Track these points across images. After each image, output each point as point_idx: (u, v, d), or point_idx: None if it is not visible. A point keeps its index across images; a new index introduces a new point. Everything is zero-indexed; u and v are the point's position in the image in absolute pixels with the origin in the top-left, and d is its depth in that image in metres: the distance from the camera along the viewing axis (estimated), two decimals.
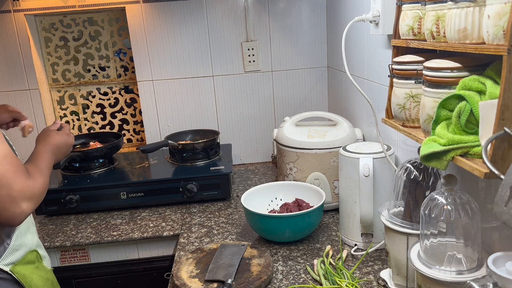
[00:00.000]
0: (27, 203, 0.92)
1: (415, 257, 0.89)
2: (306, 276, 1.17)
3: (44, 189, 1.00)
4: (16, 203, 0.89)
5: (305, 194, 1.45)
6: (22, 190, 0.90)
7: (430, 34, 0.86)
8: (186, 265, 1.22)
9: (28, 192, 0.92)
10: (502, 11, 0.62)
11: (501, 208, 0.60)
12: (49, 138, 1.18)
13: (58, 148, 1.19)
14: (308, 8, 1.98)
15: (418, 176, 0.99)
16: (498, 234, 0.87)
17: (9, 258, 1.02)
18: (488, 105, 0.67)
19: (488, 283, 0.68)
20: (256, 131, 2.11)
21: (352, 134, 1.53)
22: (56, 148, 1.18)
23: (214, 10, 1.95)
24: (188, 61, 2.00)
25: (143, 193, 1.66)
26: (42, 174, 1.02)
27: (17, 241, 1.04)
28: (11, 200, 0.89)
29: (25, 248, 1.06)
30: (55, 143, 1.18)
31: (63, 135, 1.22)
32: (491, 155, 0.65)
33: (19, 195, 0.90)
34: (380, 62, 1.36)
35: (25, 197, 0.91)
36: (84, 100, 2.16)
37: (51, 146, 1.16)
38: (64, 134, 1.23)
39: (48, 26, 2.05)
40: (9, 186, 0.88)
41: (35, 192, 0.94)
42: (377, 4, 1.20)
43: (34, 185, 0.95)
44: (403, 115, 0.97)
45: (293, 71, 2.05)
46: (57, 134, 1.21)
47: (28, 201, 0.92)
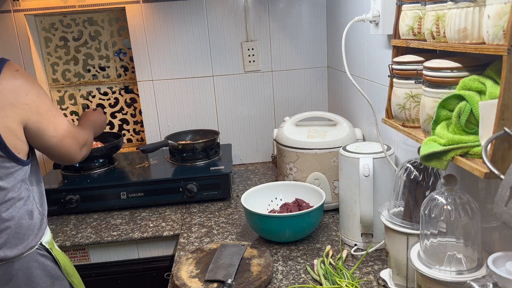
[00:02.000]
0: (85, 147, 1.30)
1: (415, 257, 0.89)
2: (306, 276, 1.17)
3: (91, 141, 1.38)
4: (80, 149, 1.27)
5: (305, 194, 1.45)
6: (82, 137, 1.28)
7: (430, 34, 0.86)
8: (186, 265, 1.22)
9: (85, 139, 1.30)
10: (502, 11, 0.62)
11: (501, 208, 0.60)
12: (88, 115, 1.52)
13: (94, 122, 1.50)
14: (308, 8, 1.98)
15: (418, 176, 0.99)
16: (498, 234, 0.87)
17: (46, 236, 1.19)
18: (488, 105, 0.67)
19: (488, 283, 0.68)
20: (256, 131, 2.11)
21: (352, 134, 1.53)
22: (93, 122, 1.49)
23: (214, 10, 1.95)
24: (188, 61, 2.00)
25: (143, 193, 1.66)
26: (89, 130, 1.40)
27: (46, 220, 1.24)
28: (79, 147, 1.26)
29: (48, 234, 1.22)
30: (92, 118, 1.51)
31: (97, 113, 1.55)
32: (491, 155, 0.65)
33: (80, 143, 1.27)
34: (380, 62, 1.36)
35: (84, 143, 1.29)
36: (84, 100, 2.16)
37: (90, 121, 1.49)
38: (98, 113, 1.56)
39: (48, 26, 2.05)
40: (77, 138, 1.24)
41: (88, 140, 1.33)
42: (377, 4, 1.20)
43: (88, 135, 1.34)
44: (403, 115, 0.97)
45: (293, 71, 2.05)
46: (93, 112, 1.55)
47: (85, 146, 1.30)
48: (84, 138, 1.29)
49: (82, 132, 1.30)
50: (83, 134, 1.30)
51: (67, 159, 1.25)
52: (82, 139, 1.28)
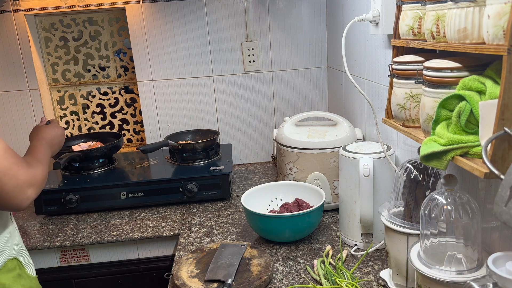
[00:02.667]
0: (32, 189, 1.02)
1: (415, 257, 0.89)
2: (306, 276, 1.17)
3: (45, 176, 1.09)
4: (23, 191, 0.99)
5: (305, 194, 1.45)
6: (27, 178, 1.00)
7: (430, 34, 0.86)
8: (186, 265, 1.22)
9: (32, 180, 1.02)
10: (502, 11, 0.62)
11: (501, 208, 0.60)
12: (41, 133, 1.26)
13: (51, 140, 1.27)
14: (308, 8, 1.98)
15: (418, 176, 0.99)
16: (498, 234, 0.87)
17: None
18: (488, 105, 0.67)
19: (488, 283, 0.68)
20: (256, 131, 2.11)
21: (352, 134, 1.53)
22: (50, 140, 1.26)
23: (214, 10, 1.95)
24: (188, 61, 2.00)
25: (143, 193, 1.66)
26: (40, 163, 1.11)
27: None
28: (19, 189, 0.98)
29: (5, 255, 1.06)
30: (48, 136, 1.26)
31: (53, 128, 1.30)
32: (491, 155, 0.65)
33: (24, 183, 1.00)
34: (380, 62, 1.36)
35: (30, 184, 1.01)
36: (84, 100, 2.16)
37: (45, 139, 1.24)
38: (53, 127, 1.31)
39: (48, 26, 2.05)
40: (16, 177, 0.98)
41: (37, 179, 1.05)
42: (377, 4, 1.20)
43: (35, 172, 1.04)
44: (403, 115, 0.97)
45: (293, 71, 2.05)
46: (47, 127, 1.29)
47: (33, 187, 1.02)
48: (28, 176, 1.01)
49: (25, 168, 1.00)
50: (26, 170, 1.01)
51: (4, 206, 0.98)
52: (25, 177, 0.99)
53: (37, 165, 1.08)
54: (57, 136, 1.30)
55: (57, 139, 1.29)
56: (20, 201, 0.99)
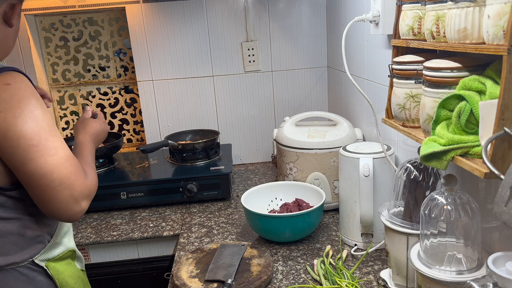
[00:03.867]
0: (86, 201, 0.96)
1: (415, 257, 0.89)
2: (306, 276, 1.17)
3: (97, 184, 1.03)
4: (77, 202, 0.93)
5: (305, 194, 1.45)
6: (82, 190, 0.94)
7: (430, 34, 0.86)
8: (186, 265, 1.22)
9: (86, 191, 0.96)
10: (502, 11, 0.62)
11: (501, 208, 0.60)
12: (88, 127, 1.20)
13: (97, 136, 1.21)
14: (308, 8, 1.98)
15: (418, 176, 0.99)
16: (498, 234, 0.87)
17: (46, 255, 1.03)
18: (488, 105, 0.67)
19: (488, 283, 0.68)
20: (256, 131, 2.11)
21: (352, 134, 1.53)
22: (96, 136, 1.20)
23: (214, 10, 1.95)
24: (188, 61, 2.00)
25: (143, 193, 1.66)
26: (92, 169, 1.06)
27: (57, 239, 1.06)
28: (73, 200, 0.92)
29: (64, 247, 1.08)
30: (94, 131, 1.20)
31: (100, 122, 1.24)
32: (491, 155, 0.65)
33: (80, 194, 0.93)
34: (380, 62, 1.36)
35: (85, 196, 0.95)
36: (84, 100, 2.16)
37: (91, 135, 1.18)
38: (101, 122, 1.25)
39: (48, 26, 2.05)
40: (71, 188, 0.92)
41: (92, 189, 0.99)
42: (377, 4, 1.20)
43: (91, 183, 0.98)
44: (403, 115, 0.97)
45: (293, 71, 2.05)
46: (95, 122, 1.23)
47: (87, 199, 0.96)
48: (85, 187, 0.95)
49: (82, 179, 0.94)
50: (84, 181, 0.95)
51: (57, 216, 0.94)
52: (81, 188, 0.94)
53: (92, 174, 1.03)
54: (103, 132, 1.24)
55: (102, 135, 1.24)
56: (73, 213, 0.94)
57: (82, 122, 1.22)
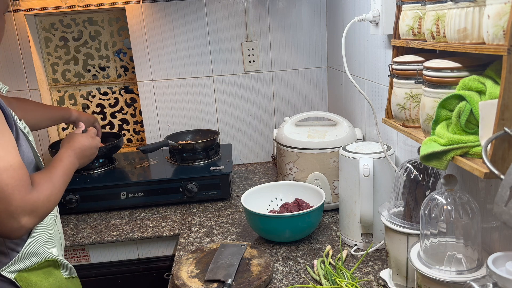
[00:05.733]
0: (27, 217, 0.87)
1: (415, 257, 0.89)
2: (306, 276, 1.17)
3: (50, 201, 0.94)
4: (14, 218, 0.85)
5: (305, 194, 1.45)
6: (21, 204, 0.86)
7: (430, 34, 0.86)
8: (186, 265, 1.22)
9: (28, 206, 0.87)
10: (502, 11, 0.62)
11: (501, 208, 0.60)
12: (73, 142, 1.16)
13: (82, 151, 1.15)
14: (308, 8, 1.98)
15: (418, 176, 0.99)
16: (498, 234, 0.87)
17: (16, 265, 0.99)
18: (488, 105, 0.67)
19: (488, 283, 0.68)
20: (256, 131, 2.11)
21: (352, 134, 1.53)
22: (80, 151, 1.15)
23: (214, 10, 1.95)
24: (188, 61, 2.00)
25: (143, 193, 1.66)
26: (52, 183, 0.96)
27: (30, 249, 1.01)
28: (9, 215, 0.85)
29: (40, 257, 1.03)
30: (79, 146, 1.15)
31: (87, 137, 1.20)
32: (491, 155, 0.65)
33: (17, 209, 0.85)
34: (380, 62, 1.36)
35: (25, 212, 0.87)
36: (84, 100, 2.16)
37: (75, 149, 1.13)
38: (88, 137, 1.20)
39: (48, 26, 2.05)
40: (7, 201, 0.84)
41: (37, 205, 0.89)
42: (377, 4, 1.20)
43: (36, 198, 0.90)
44: (403, 115, 0.97)
45: (293, 71, 2.05)
46: (82, 136, 1.19)
47: (29, 216, 0.87)
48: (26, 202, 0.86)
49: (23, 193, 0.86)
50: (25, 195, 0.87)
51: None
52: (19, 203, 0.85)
53: (45, 187, 0.93)
54: (90, 148, 1.19)
55: (89, 151, 1.18)
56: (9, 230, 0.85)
57: (69, 137, 1.19)
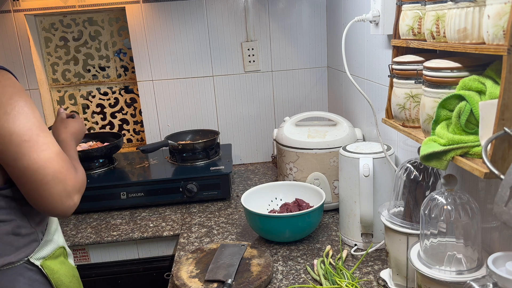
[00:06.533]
0: (78, 195, 0.98)
1: (415, 257, 0.89)
2: (306, 276, 1.17)
3: (85, 179, 1.05)
4: (70, 197, 0.95)
5: (305, 194, 1.45)
6: (74, 184, 0.96)
7: (430, 34, 0.86)
8: (186, 265, 1.22)
9: (78, 185, 0.98)
10: (502, 11, 0.62)
11: (501, 208, 0.60)
12: (69, 126, 1.22)
13: (77, 135, 1.23)
14: (308, 8, 1.98)
15: (418, 176, 0.99)
16: (498, 234, 0.87)
17: (40, 253, 1.04)
18: (488, 105, 0.67)
19: (488, 283, 0.68)
20: (256, 131, 2.11)
21: (352, 134, 1.53)
22: (76, 135, 1.22)
23: (214, 10, 1.95)
24: (188, 61, 2.00)
25: (143, 193, 1.66)
26: (80, 165, 1.08)
27: (48, 236, 1.07)
28: (67, 194, 0.94)
29: (55, 244, 1.09)
30: (75, 130, 1.22)
31: (79, 122, 1.26)
32: (491, 155, 0.65)
33: (72, 189, 0.95)
34: (380, 62, 1.36)
35: (77, 190, 0.97)
36: (84, 100, 2.16)
37: (72, 133, 1.21)
38: (79, 121, 1.27)
39: (48, 26, 2.05)
40: (64, 182, 0.93)
41: (82, 184, 1.01)
42: (377, 4, 1.20)
43: (81, 178, 1.01)
44: (403, 115, 0.97)
45: (293, 71, 2.05)
46: (74, 121, 1.25)
47: (78, 193, 0.98)
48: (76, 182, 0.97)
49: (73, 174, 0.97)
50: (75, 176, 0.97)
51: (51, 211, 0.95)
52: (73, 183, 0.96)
53: (81, 169, 1.04)
54: (82, 130, 1.27)
55: (81, 134, 1.26)
56: (66, 208, 0.95)
57: (61, 122, 1.23)
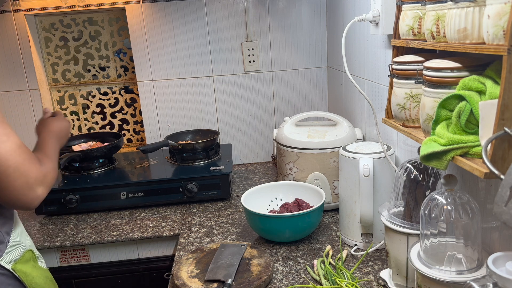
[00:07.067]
0: (42, 187, 0.99)
1: (415, 257, 0.89)
2: (306, 276, 1.17)
3: (55, 173, 1.06)
4: (32, 189, 0.96)
5: (305, 194, 1.45)
6: (37, 176, 0.97)
7: (430, 34, 0.86)
8: (186, 265, 1.22)
9: (42, 178, 0.99)
10: (502, 11, 0.62)
11: (501, 208, 0.60)
12: (49, 126, 1.24)
13: (59, 133, 1.24)
14: (308, 8, 1.98)
15: (418, 176, 0.99)
16: (498, 234, 0.87)
17: (9, 255, 1.03)
18: (488, 105, 0.67)
19: (488, 283, 0.68)
20: (256, 131, 2.11)
21: (352, 134, 1.53)
22: (58, 133, 1.23)
23: (214, 10, 1.95)
24: (188, 61, 2.00)
25: (143, 193, 1.66)
26: (50, 159, 1.09)
27: (15, 239, 1.06)
28: (28, 187, 0.95)
29: (22, 247, 1.09)
30: (56, 129, 1.24)
31: (60, 120, 1.28)
32: (491, 155, 0.65)
33: (35, 181, 0.97)
34: (380, 62, 1.36)
35: (40, 183, 0.98)
36: (84, 100, 2.16)
37: (53, 133, 1.22)
38: (60, 120, 1.29)
39: (48, 26, 2.05)
40: (26, 174, 0.95)
41: (47, 177, 1.01)
42: (377, 4, 1.20)
43: (46, 170, 1.01)
44: (403, 115, 0.97)
45: (293, 71, 2.05)
46: (55, 120, 1.27)
47: (42, 186, 0.99)
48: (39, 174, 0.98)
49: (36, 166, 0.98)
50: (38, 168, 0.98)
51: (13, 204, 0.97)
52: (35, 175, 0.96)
53: (48, 162, 1.06)
54: (64, 128, 1.28)
55: (64, 131, 1.28)
56: (29, 200, 0.97)
57: (41, 123, 1.26)
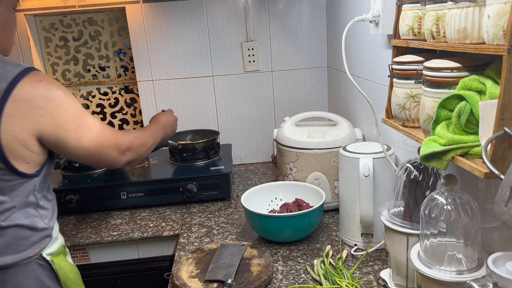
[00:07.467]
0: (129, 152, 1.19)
1: (415, 257, 0.89)
2: (306, 276, 1.17)
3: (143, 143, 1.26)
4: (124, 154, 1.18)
5: (305, 194, 1.45)
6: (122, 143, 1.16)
7: (430, 34, 0.86)
8: (186, 265, 1.22)
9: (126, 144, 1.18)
10: (502, 11, 0.62)
11: (501, 208, 0.60)
12: (159, 117, 1.49)
13: (165, 123, 1.47)
14: (308, 8, 1.98)
15: (418, 176, 0.99)
16: (498, 234, 0.87)
17: (50, 248, 1.11)
18: (488, 105, 0.67)
19: (488, 283, 0.68)
20: (256, 131, 2.11)
21: (352, 134, 1.53)
22: (164, 123, 1.46)
23: (214, 10, 1.95)
24: (188, 61, 2.00)
25: (143, 193, 1.66)
26: (142, 132, 1.29)
27: (55, 233, 1.14)
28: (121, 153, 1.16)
29: (59, 241, 1.17)
30: (163, 120, 1.47)
31: (168, 114, 1.52)
32: (491, 155, 0.65)
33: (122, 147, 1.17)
34: (380, 62, 1.36)
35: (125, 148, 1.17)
36: (84, 100, 2.16)
37: (160, 122, 1.45)
38: (169, 114, 1.52)
39: (48, 26, 2.05)
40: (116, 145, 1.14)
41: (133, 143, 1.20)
42: (377, 4, 1.20)
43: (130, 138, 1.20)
44: (403, 115, 0.97)
45: (293, 71, 2.05)
46: (164, 114, 1.52)
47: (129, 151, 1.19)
48: (125, 143, 1.18)
49: (122, 137, 1.18)
50: (123, 138, 1.18)
51: (105, 166, 1.21)
52: (122, 144, 1.17)
53: (136, 133, 1.25)
54: (171, 121, 1.50)
55: (171, 124, 1.49)
56: (116, 163, 1.16)
57: (154, 116, 1.52)
